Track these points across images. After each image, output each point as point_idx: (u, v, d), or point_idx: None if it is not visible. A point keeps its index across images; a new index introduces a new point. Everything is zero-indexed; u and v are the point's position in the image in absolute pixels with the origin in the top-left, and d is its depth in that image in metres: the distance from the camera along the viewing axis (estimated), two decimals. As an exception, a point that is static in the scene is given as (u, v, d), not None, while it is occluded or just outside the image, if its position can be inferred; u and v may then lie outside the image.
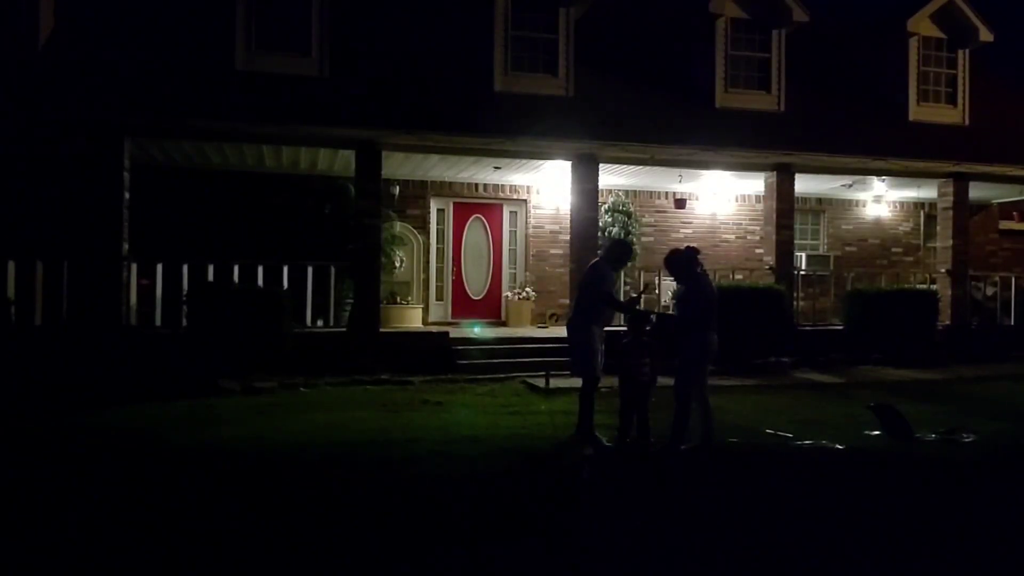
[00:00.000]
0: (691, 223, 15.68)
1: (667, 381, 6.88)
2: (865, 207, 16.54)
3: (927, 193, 15.51)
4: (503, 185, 14.72)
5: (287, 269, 11.27)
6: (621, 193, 14.90)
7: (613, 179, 14.11)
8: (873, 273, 15.28)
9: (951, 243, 14.12)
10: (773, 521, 4.95)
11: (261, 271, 11.14)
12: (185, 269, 10.94)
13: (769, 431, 7.70)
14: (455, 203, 14.66)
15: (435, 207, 14.55)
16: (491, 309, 14.67)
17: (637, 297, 7.67)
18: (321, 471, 6.07)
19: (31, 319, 10.42)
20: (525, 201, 14.91)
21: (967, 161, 13.58)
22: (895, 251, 16.86)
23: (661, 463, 6.42)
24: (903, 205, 16.87)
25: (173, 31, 11.78)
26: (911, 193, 16.01)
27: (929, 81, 14.31)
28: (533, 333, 12.97)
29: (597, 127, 12.01)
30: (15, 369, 9.62)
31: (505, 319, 14.50)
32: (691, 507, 5.27)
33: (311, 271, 11.51)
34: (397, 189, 13.81)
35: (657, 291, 13.27)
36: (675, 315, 7.26)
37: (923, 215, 16.92)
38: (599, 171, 12.51)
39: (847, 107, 14.17)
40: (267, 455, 6.54)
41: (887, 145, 13.22)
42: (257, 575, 4.11)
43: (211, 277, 10.90)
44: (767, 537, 4.65)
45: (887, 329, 12.59)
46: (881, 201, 16.33)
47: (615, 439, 6.88)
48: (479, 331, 12.68)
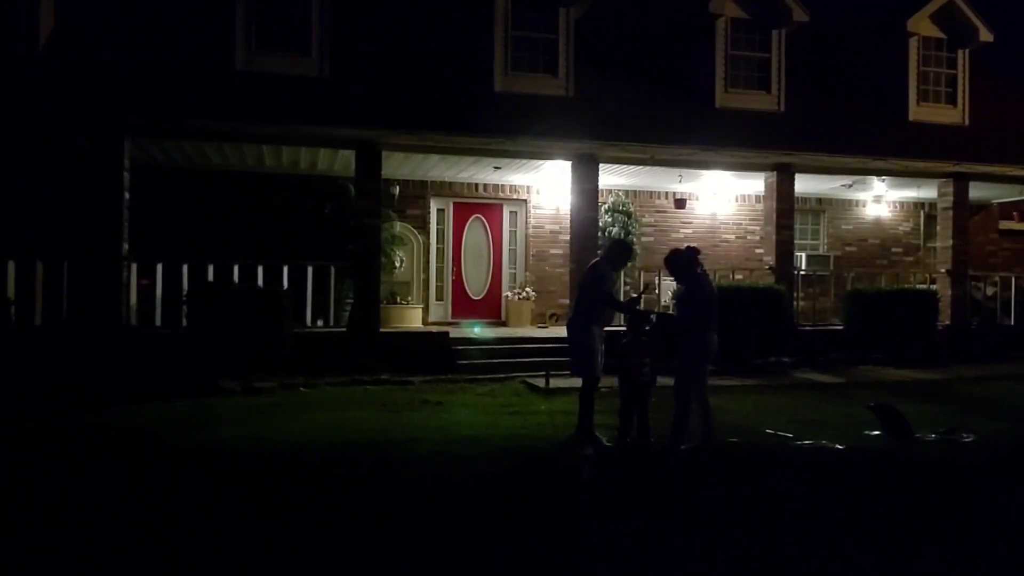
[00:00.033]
0: (691, 223, 15.68)
1: (667, 381, 6.88)
2: (865, 207, 16.55)
3: (927, 193, 15.51)
4: (503, 185, 14.72)
5: (287, 269, 11.28)
6: (621, 193, 14.90)
7: (613, 179, 14.12)
8: (873, 273, 15.28)
9: (951, 243, 14.12)
10: (773, 521, 4.95)
11: (261, 271, 11.15)
12: (185, 269, 10.95)
13: (769, 431, 7.70)
14: (455, 203, 14.66)
15: (435, 207, 14.55)
16: (491, 309, 14.67)
17: (637, 297, 7.66)
18: (321, 471, 6.07)
19: (31, 319, 10.43)
20: (525, 201, 14.92)
21: (967, 161, 13.59)
22: (895, 251, 16.87)
23: (661, 463, 6.42)
24: (903, 205, 16.88)
25: (173, 31, 11.79)
26: (911, 193, 16.02)
27: (929, 81, 14.31)
28: (533, 333, 12.97)
29: (597, 127, 12.01)
30: (15, 369, 9.62)
31: (505, 319, 14.50)
32: (691, 507, 5.27)
33: (311, 271, 11.51)
34: (397, 189, 13.82)
35: (657, 291, 13.27)
36: (675, 315, 7.27)
37: (923, 215, 16.92)
38: (599, 171, 12.52)
39: (847, 107, 14.18)
40: (267, 455, 6.54)
41: (887, 145, 13.23)
42: (257, 575, 4.12)
43: (211, 277, 10.91)
44: (767, 537, 4.65)
45: (887, 329, 12.59)
46: (881, 201, 16.33)
47: (615, 439, 6.89)
48: (479, 331, 12.68)
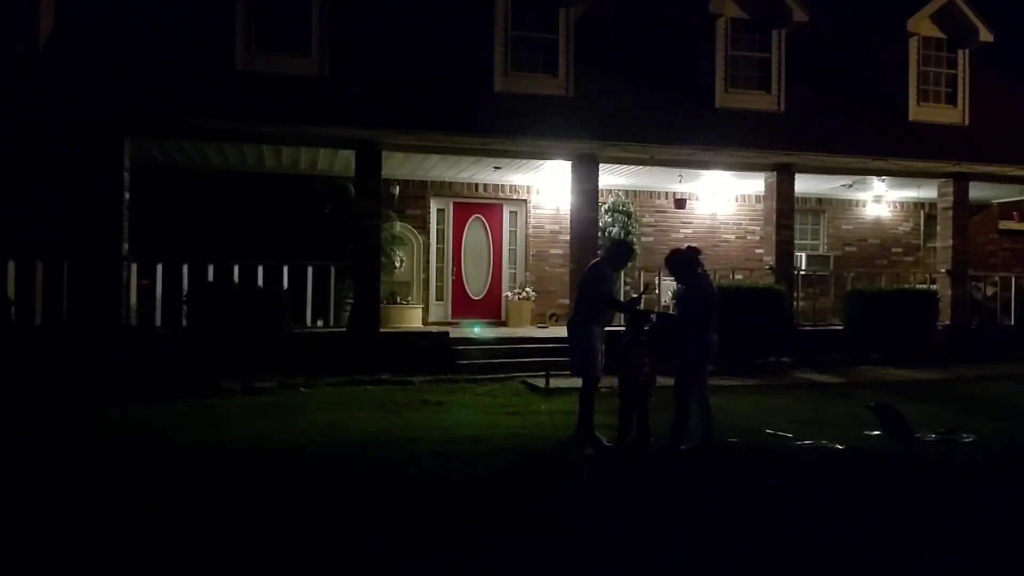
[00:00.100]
0: (691, 223, 15.68)
1: (667, 381, 6.88)
2: (865, 207, 16.55)
3: (927, 193, 15.51)
4: (503, 185, 14.72)
5: (287, 269, 11.28)
6: (621, 193, 14.90)
7: (613, 179, 14.11)
8: (873, 273, 15.28)
9: (951, 243, 14.12)
10: (773, 521, 4.95)
11: (261, 271, 11.15)
12: (185, 269, 10.95)
13: (769, 431, 7.70)
14: (455, 203, 14.66)
15: (435, 207, 14.55)
16: (491, 309, 14.67)
17: (638, 298, 7.64)
18: (321, 471, 6.07)
19: (31, 319, 10.43)
20: (525, 201, 14.92)
21: (967, 161, 13.58)
22: (895, 251, 16.87)
23: (661, 463, 6.42)
24: (903, 205, 16.88)
25: (173, 31, 11.79)
26: (911, 193, 16.02)
27: (929, 81, 14.30)
28: (533, 333, 12.97)
29: (597, 127, 12.01)
30: (15, 369, 9.62)
31: (505, 319, 14.50)
32: (691, 507, 5.27)
33: (311, 271, 11.51)
34: (397, 189, 13.82)
35: (657, 291, 13.27)
36: (675, 315, 7.27)
37: (923, 215, 16.93)
38: (599, 171, 12.52)
39: (847, 107, 14.17)
40: (267, 455, 6.54)
41: (887, 145, 13.23)
42: (257, 575, 4.12)
43: (211, 277, 10.90)
44: (767, 537, 4.65)
45: (887, 329, 12.59)
46: (881, 201, 16.33)
47: (615, 439, 6.88)
48: (479, 331, 12.68)
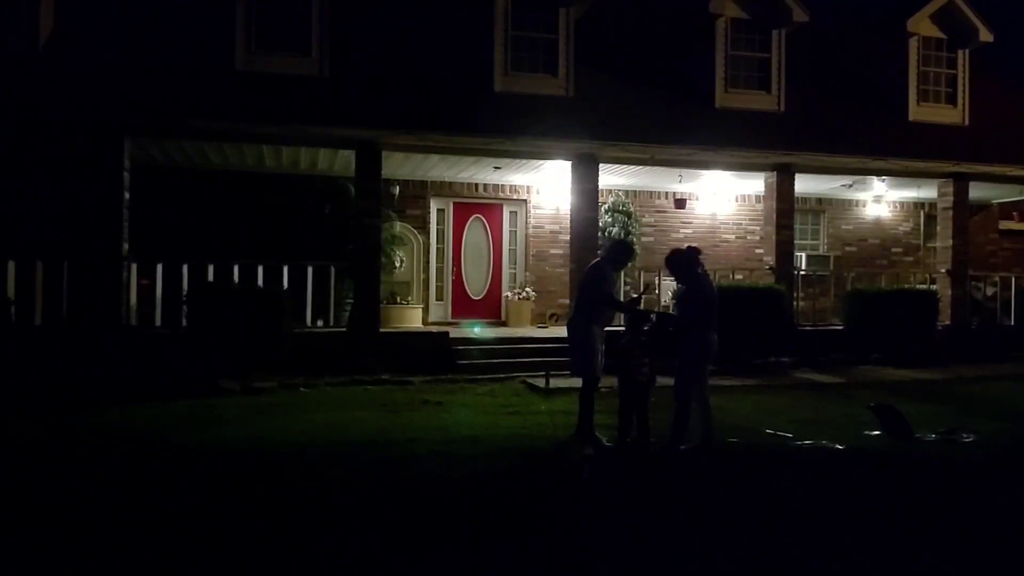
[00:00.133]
0: (691, 223, 15.68)
1: (667, 381, 6.88)
2: (865, 207, 16.55)
3: (927, 193, 15.51)
4: (503, 185, 14.72)
5: (287, 269, 11.28)
6: (621, 193, 14.90)
7: (613, 179, 14.11)
8: (873, 273, 15.28)
9: (951, 243, 14.12)
10: (773, 521, 4.95)
11: (261, 271, 11.15)
12: (185, 269, 10.95)
13: (769, 431, 7.70)
14: (455, 203, 14.66)
15: (435, 207, 14.55)
16: (491, 309, 14.67)
17: (638, 298, 7.64)
18: (321, 471, 6.07)
19: (31, 319, 10.43)
20: (525, 201, 14.91)
21: (967, 161, 13.58)
22: (895, 251, 16.87)
23: (661, 463, 6.42)
24: (903, 205, 16.88)
25: (173, 31, 11.79)
26: (911, 193, 16.01)
27: (929, 81, 14.30)
28: (533, 333, 12.97)
29: (597, 127, 12.01)
30: (15, 369, 9.62)
31: (505, 319, 14.50)
32: (691, 507, 5.27)
33: (311, 271, 11.51)
34: (397, 189, 13.82)
35: (657, 291, 13.27)
36: (675, 315, 7.27)
37: (923, 215, 16.92)
38: (599, 171, 12.52)
39: (847, 107, 14.17)
40: (267, 455, 6.54)
41: (887, 145, 13.23)
42: (257, 575, 4.12)
43: (211, 277, 10.90)
44: (767, 537, 4.65)
45: (887, 329, 12.59)
46: (881, 201, 16.33)
47: (615, 439, 6.88)
48: (479, 331, 12.68)
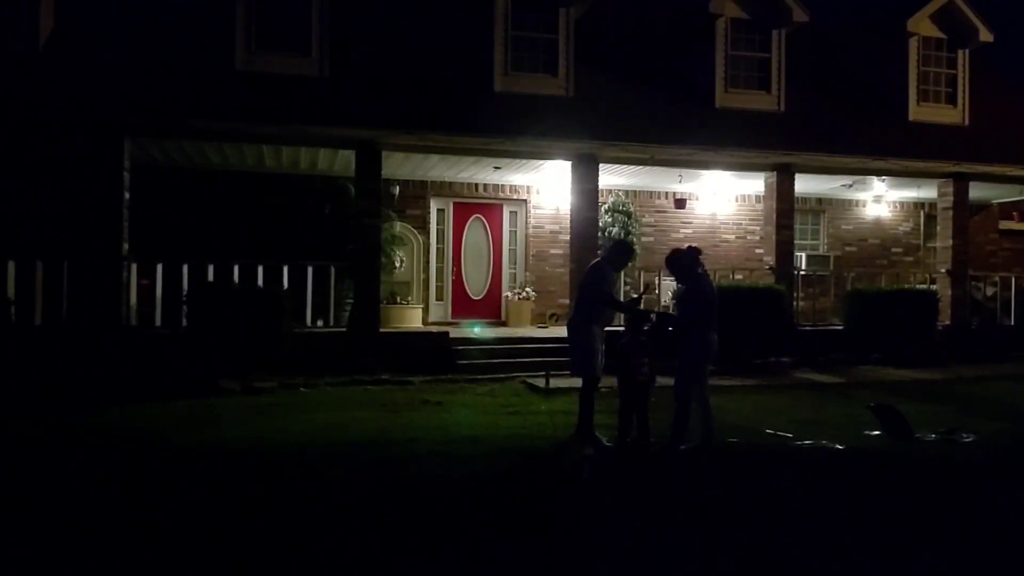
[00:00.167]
0: (691, 223, 15.68)
1: (667, 381, 6.89)
2: (865, 207, 16.55)
3: (927, 193, 15.51)
4: (503, 185, 14.72)
5: (287, 269, 11.27)
6: (621, 193, 14.90)
7: (613, 179, 14.11)
8: (873, 273, 15.28)
9: (951, 243, 14.12)
10: (773, 521, 4.95)
11: (261, 271, 11.15)
12: (185, 269, 10.95)
13: (769, 431, 7.70)
14: (455, 203, 14.66)
15: (435, 207, 14.55)
16: (491, 309, 14.67)
17: (638, 298, 7.63)
18: (321, 471, 6.07)
19: (31, 319, 10.42)
20: (525, 201, 14.91)
21: (967, 161, 13.58)
22: (895, 251, 16.87)
23: (661, 463, 6.42)
24: (903, 205, 16.88)
25: (173, 31, 11.80)
26: (911, 193, 16.01)
27: (929, 81, 14.30)
28: (533, 333, 12.97)
29: (597, 127, 12.01)
30: (15, 369, 9.62)
31: (505, 319, 14.50)
32: (691, 507, 5.27)
33: (311, 271, 11.51)
34: (397, 189, 13.82)
35: (657, 291, 13.28)
36: (675, 315, 7.27)
37: (923, 215, 16.92)
38: (599, 171, 12.52)
39: (847, 107, 14.17)
40: (267, 455, 6.54)
41: (887, 145, 13.23)
42: (257, 575, 4.12)
43: (211, 277, 10.90)
44: (767, 537, 4.65)
45: (887, 329, 12.59)
46: (881, 201, 16.33)
47: (615, 439, 6.88)
48: (479, 331, 12.68)
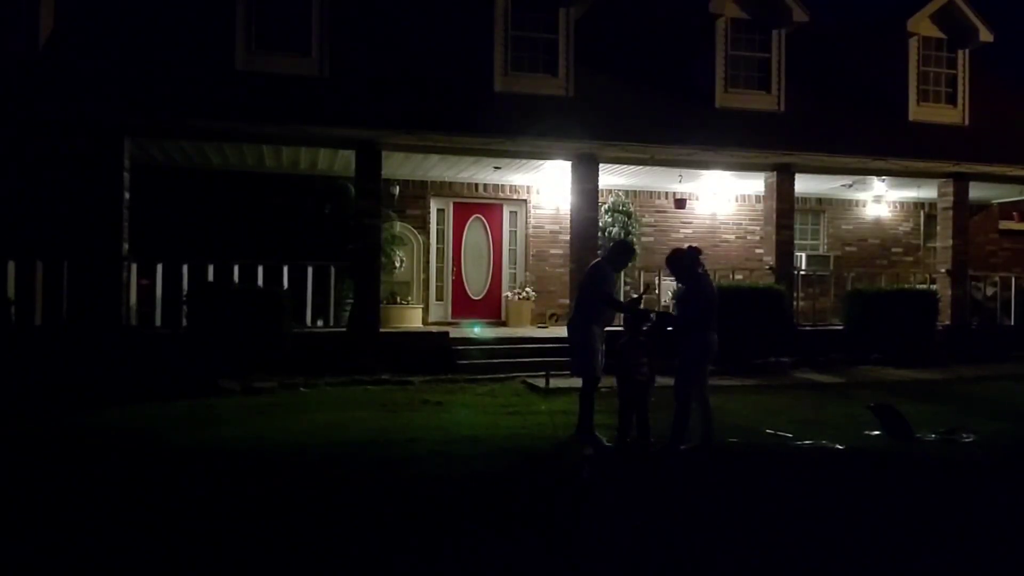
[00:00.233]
0: (691, 223, 15.68)
1: (667, 381, 6.88)
2: (865, 207, 16.55)
3: (927, 193, 15.51)
4: (503, 185, 14.72)
5: (287, 269, 11.27)
6: (621, 193, 14.90)
7: (613, 179, 14.11)
8: (873, 273, 15.28)
9: (951, 243, 14.12)
10: (773, 521, 4.95)
11: (261, 271, 11.15)
12: (185, 269, 10.94)
13: (769, 431, 7.70)
14: (455, 203, 14.66)
15: (435, 207, 14.55)
16: (491, 309, 14.67)
17: (638, 298, 7.60)
18: (321, 471, 6.07)
19: (31, 319, 10.42)
20: (525, 201, 14.91)
21: (967, 161, 13.58)
22: (895, 251, 16.86)
23: (661, 463, 6.42)
24: (903, 205, 16.87)
25: (173, 31, 11.80)
26: (911, 193, 16.01)
27: (929, 81, 14.30)
28: (533, 333, 12.97)
29: (597, 127, 12.00)
30: (15, 369, 9.62)
31: (505, 319, 14.50)
32: (691, 507, 5.27)
33: (311, 271, 11.51)
34: (397, 189, 13.82)
35: (657, 291, 13.28)
36: (675, 315, 7.27)
37: (923, 215, 16.92)
38: (599, 171, 12.52)
39: (847, 107, 14.17)
40: (267, 455, 6.54)
41: (887, 145, 13.23)
42: (257, 575, 4.12)
43: (211, 277, 10.90)
44: (767, 537, 4.65)
45: (887, 329, 12.59)
46: (881, 201, 16.33)
47: (615, 439, 6.88)
48: (479, 331, 12.68)
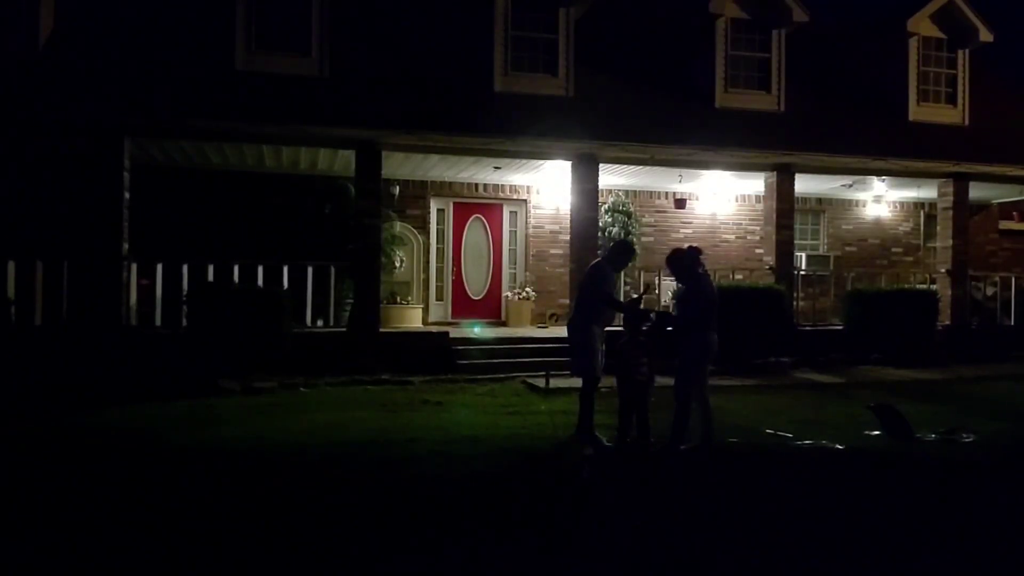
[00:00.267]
0: (691, 223, 15.68)
1: (667, 381, 6.89)
2: (865, 207, 16.54)
3: (927, 193, 15.51)
4: (503, 185, 14.72)
5: (287, 269, 11.27)
6: (621, 193, 14.90)
7: (613, 179, 14.11)
8: (873, 273, 15.28)
9: (951, 243, 14.11)
10: (773, 521, 4.95)
11: (261, 271, 11.15)
12: (185, 269, 10.94)
13: (769, 431, 7.70)
14: (455, 203, 14.66)
15: (435, 207, 14.55)
16: (491, 309, 14.67)
17: (638, 298, 7.58)
18: (321, 471, 6.07)
19: (31, 319, 10.42)
20: (525, 201, 14.91)
21: (967, 161, 13.58)
22: (895, 251, 16.86)
23: (661, 463, 6.42)
24: (903, 205, 16.87)
25: (173, 31, 11.80)
26: (911, 193, 16.01)
27: (929, 81, 14.30)
28: (533, 333, 12.97)
29: (597, 127, 12.00)
30: (15, 369, 9.62)
31: (505, 319, 14.50)
32: (691, 507, 5.27)
33: (311, 271, 11.51)
34: (397, 189, 13.82)
35: (657, 291, 13.27)
36: (675, 315, 7.26)
37: (923, 215, 16.92)
38: (599, 171, 12.52)
39: (847, 107, 14.17)
40: (267, 455, 6.54)
41: (887, 145, 13.22)
42: (257, 575, 4.11)
43: (211, 277, 10.90)
44: (767, 537, 4.65)
45: (887, 329, 12.59)
46: (881, 201, 16.33)
47: (615, 439, 6.88)
48: (479, 331, 12.68)
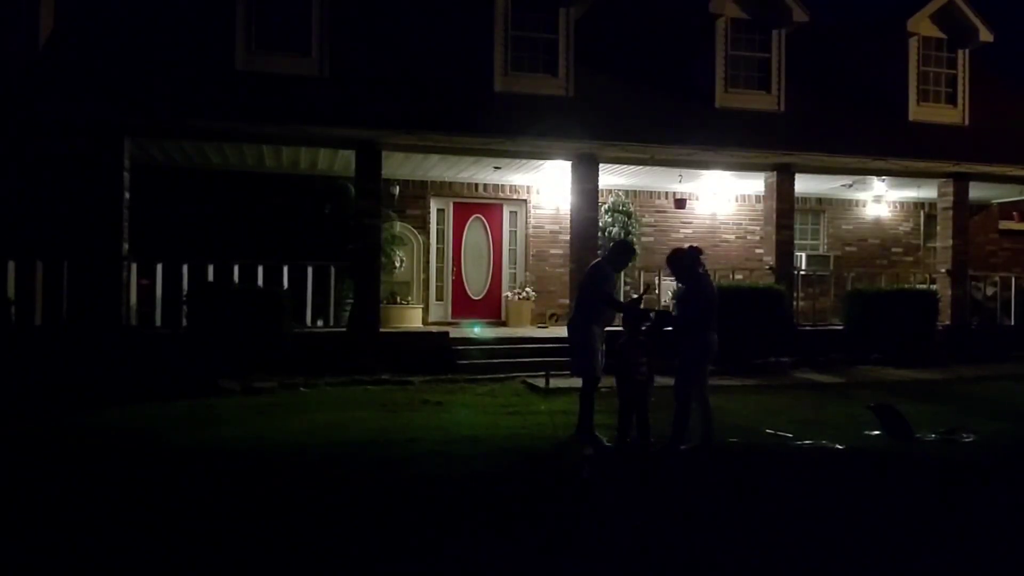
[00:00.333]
0: (691, 223, 15.68)
1: (667, 381, 6.89)
2: (865, 207, 16.55)
3: (927, 193, 15.51)
4: (503, 185, 14.72)
5: (287, 269, 11.27)
6: (621, 193, 14.90)
7: (613, 179, 14.11)
8: (873, 273, 15.28)
9: (951, 243, 14.11)
10: (773, 521, 4.95)
11: (261, 271, 11.15)
12: (185, 269, 10.94)
13: (769, 431, 7.70)
14: (455, 203, 14.66)
15: (435, 207, 14.55)
16: (491, 309, 14.67)
17: (638, 298, 7.57)
18: (321, 471, 6.07)
19: (31, 319, 10.42)
20: (525, 201, 14.91)
21: (967, 161, 13.58)
22: (895, 251, 16.86)
23: (661, 463, 6.42)
24: (903, 205, 16.87)
25: (173, 31, 11.80)
26: (911, 193, 16.01)
27: (929, 81, 14.30)
28: (533, 333, 12.97)
29: (597, 127, 12.00)
30: (15, 369, 9.62)
31: (505, 319, 14.50)
32: (691, 507, 5.27)
33: (311, 271, 11.51)
34: (397, 189, 13.82)
35: (657, 291, 13.27)
36: (675, 315, 7.26)
37: (923, 215, 16.92)
38: (599, 171, 12.52)
39: (847, 107, 14.17)
40: (267, 455, 6.54)
41: (887, 145, 13.22)
42: (257, 575, 4.12)
43: (211, 277, 10.90)
44: (767, 537, 4.65)
45: (887, 329, 12.59)
46: (881, 201, 16.33)
47: (615, 439, 6.88)
48: (479, 331, 12.68)
